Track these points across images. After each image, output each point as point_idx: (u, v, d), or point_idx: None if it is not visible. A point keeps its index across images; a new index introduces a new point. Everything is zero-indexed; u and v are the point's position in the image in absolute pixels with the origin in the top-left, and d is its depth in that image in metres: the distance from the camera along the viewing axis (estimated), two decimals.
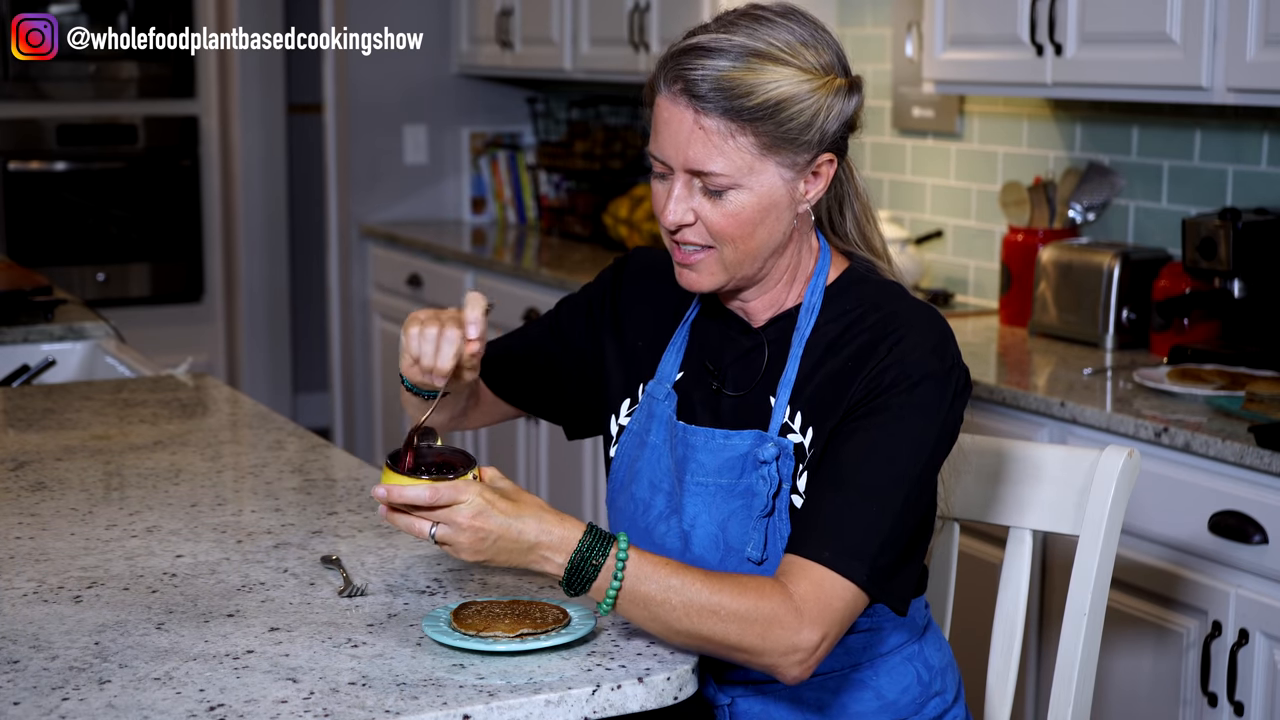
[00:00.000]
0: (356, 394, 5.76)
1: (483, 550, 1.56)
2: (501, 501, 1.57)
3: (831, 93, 1.67)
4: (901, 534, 1.63)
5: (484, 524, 1.55)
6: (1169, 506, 2.60)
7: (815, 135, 1.67)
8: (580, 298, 1.94)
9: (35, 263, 5.98)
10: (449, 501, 1.56)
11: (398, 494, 1.57)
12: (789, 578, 1.59)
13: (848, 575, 1.59)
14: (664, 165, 1.70)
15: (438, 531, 1.57)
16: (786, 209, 1.70)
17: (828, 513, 1.62)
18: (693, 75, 1.64)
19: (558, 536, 1.57)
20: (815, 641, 1.57)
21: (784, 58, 1.65)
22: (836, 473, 1.64)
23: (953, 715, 1.83)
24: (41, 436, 2.52)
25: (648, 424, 1.81)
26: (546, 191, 5.51)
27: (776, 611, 1.56)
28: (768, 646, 1.56)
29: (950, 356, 1.69)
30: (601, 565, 1.56)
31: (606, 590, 1.56)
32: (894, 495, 1.62)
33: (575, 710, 1.50)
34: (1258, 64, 2.77)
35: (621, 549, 1.56)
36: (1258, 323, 3.02)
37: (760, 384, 1.75)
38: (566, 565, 1.56)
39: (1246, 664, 2.49)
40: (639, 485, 1.80)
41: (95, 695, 1.47)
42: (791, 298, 1.77)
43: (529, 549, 1.57)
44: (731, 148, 1.65)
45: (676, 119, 1.66)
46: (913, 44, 4.00)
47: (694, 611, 1.55)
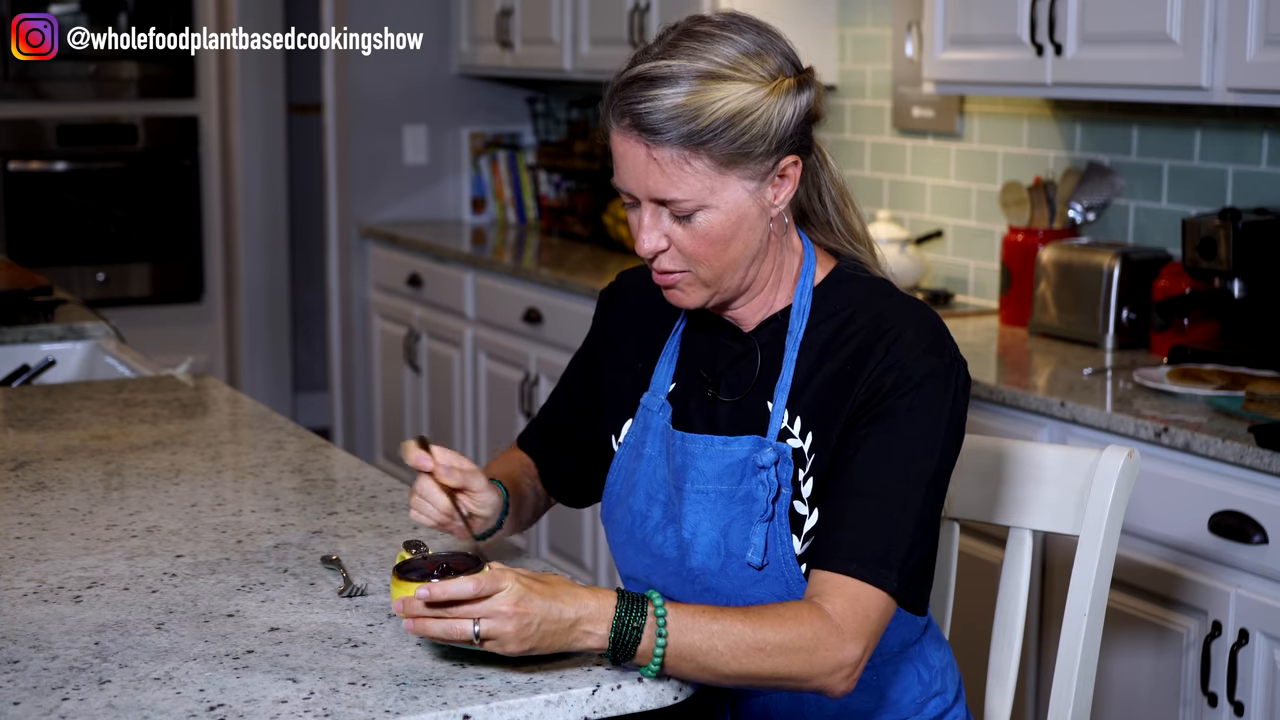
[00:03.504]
0: (356, 394, 5.76)
1: (529, 637, 1.49)
2: (536, 584, 1.51)
3: (781, 96, 1.66)
4: (924, 536, 1.63)
5: (527, 608, 1.48)
6: (1169, 506, 2.60)
7: (772, 142, 1.66)
8: (584, 349, 1.94)
9: (35, 263, 5.98)
10: (490, 590, 1.48)
11: (439, 591, 1.48)
12: (822, 596, 1.59)
13: (879, 584, 1.59)
14: (630, 196, 1.70)
15: (483, 627, 1.48)
16: (758, 219, 1.69)
17: (849, 523, 1.62)
18: (638, 109, 1.63)
19: (594, 609, 1.51)
20: (859, 655, 1.57)
21: (728, 74, 1.64)
22: (852, 482, 1.64)
23: (953, 715, 1.83)
24: (41, 436, 2.52)
25: (643, 436, 1.81)
26: (546, 191, 5.51)
27: (819, 634, 1.55)
28: (815, 671, 1.55)
29: (948, 352, 1.68)
30: (643, 626, 1.51)
31: (653, 651, 1.51)
32: (912, 498, 1.62)
33: (575, 710, 1.50)
34: (1258, 64, 2.77)
35: (658, 606, 1.52)
36: (1258, 323, 3.02)
37: (756, 389, 1.75)
38: (610, 635, 1.50)
39: (1246, 664, 2.49)
40: (635, 497, 1.80)
41: (95, 695, 1.47)
42: (780, 299, 1.76)
43: (570, 627, 1.50)
44: (689, 173, 1.64)
45: (631, 153, 1.66)
46: (913, 44, 4.00)
47: (740, 653, 1.53)
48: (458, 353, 5.03)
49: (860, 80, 4.22)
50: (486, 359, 4.87)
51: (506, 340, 4.73)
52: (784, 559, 1.69)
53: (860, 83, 4.22)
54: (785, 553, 1.69)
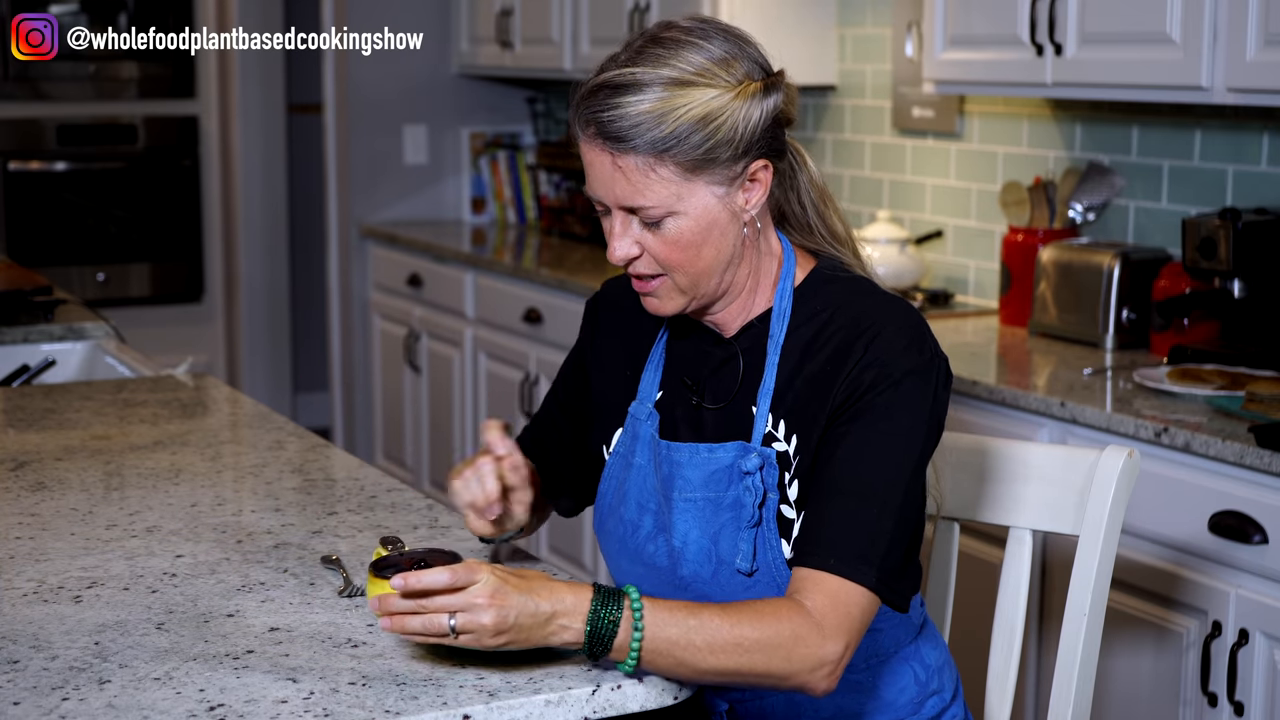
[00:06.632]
0: (356, 394, 5.76)
1: (505, 629, 1.48)
2: (512, 578, 1.50)
3: (746, 100, 1.64)
4: (903, 532, 1.63)
5: (504, 600, 1.47)
6: (1169, 506, 2.60)
7: (738, 146, 1.65)
8: (573, 357, 1.94)
9: (35, 263, 5.98)
10: (466, 582, 1.47)
11: (414, 581, 1.47)
12: (802, 593, 1.58)
13: (859, 580, 1.58)
14: (601, 204, 1.69)
15: (458, 620, 1.47)
16: (729, 223, 1.68)
17: (828, 521, 1.62)
18: (602, 117, 1.63)
19: (570, 603, 1.50)
20: (839, 652, 1.56)
21: (693, 80, 1.63)
22: (831, 480, 1.64)
23: (951, 714, 1.83)
24: (41, 436, 2.52)
25: (632, 445, 1.81)
26: (546, 191, 5.51)
27: (797, 631, 1.54)
28: (794, 668, 1.55)
29: (928, 349, 1.68)
30: (619, 619, 1.50)
31: (629, 645, 1.50)
32: (891, 494, 1.62)
33: (575, 710, 1.50)
34: (1258, 64, 2.77)
35: (634, 599, 1.51)
36: (1258, 323, 3.02)
37: (740, 394, 1.74)
38: (586, 629, 1.50)
39: (1246, 664, 2.49)
40: (627, 507, 1.79)
41: (95, 695, 1.47)
42: (760, 303, 1.75)
43: (546, 620, 1.49)
44: (655, 180, 1.63)
45: (597, 161, 1.66)
46: (913, 44, 4.00)
47: (718, 649, 1.52)
48: (458, 353, 5.03)
49: (860, 80, 4.22)
50: (486, 359, 4.87)
51: (506, 340, 4.74)
52: (774, 564, 1.69)
53: (860, 83, 4.23)
54: (775, 558, 1.69)
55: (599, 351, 1.89)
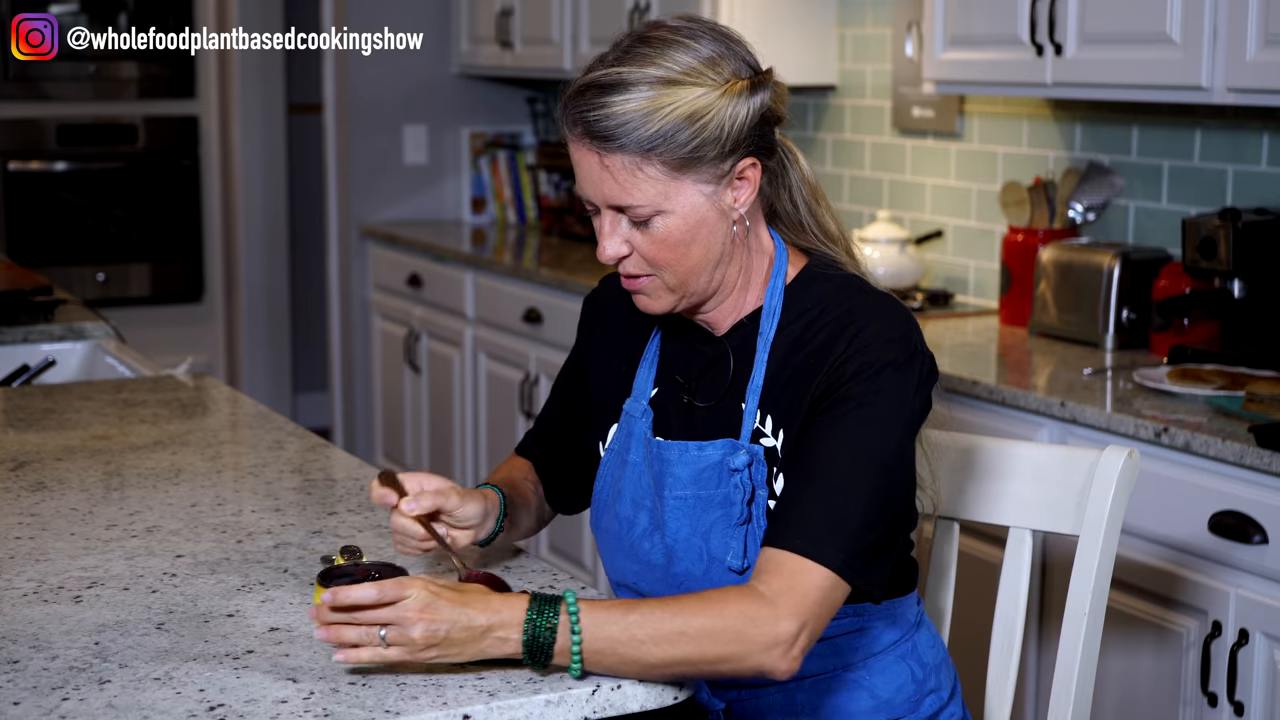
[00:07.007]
0: (356, 394, 5.76)
1: (435, 642, 1.48)
2: (446, 592, 1.51)
3: (733, 98, 1.64)
4: (874, 520, 1.61)
5: (435, 615, 1.48)
6: (1169, 506, 2.60)
7: (725, 144, 1.65)
8: (572, 356, 1.95)
9: (35, 263, 5.98)
10: (394, 598, 1.49)
11: (342, 596, 1.49)
12: (760, 575, 1.57)
13: (820, 561, 1.56)
14: (590, 203, 1.70)
15: (388, 633, 1.48)
16: (718, 222, 1.68)
17: (799, 504, 1.61)
18: (589, 117, 1.63)
19: (506, 615, 1.50)
20: (794, 631, 1.53)
21: (680, 79, 1.63)
22: (805, 467, 1.63)
23: (949, 713, 1.83)
24: (41, 436, 2.52)
25: (627, 442, 1.81)
26: (546, 191, 5.51)
27: (745, 610, 1.53)
28: (747, 649, 1.53)
29: (913, 345, 1.67)
30: (556, 625, 1.50)
31: (570, 649, 1.50)
32: (863, 481, 1.60)
33: (575, 710, 1.50)
34: (1258, 64, 2.77)
35: (570, 604, 1.51)
36: (1258, 323, 3.02)
37: (730, 392, 1.74)
38: (524, 638, 1.49)
39: (1246, 664, 2.49)
40: (622, 504, 1.79)
41: (95, 695, 1.47)
42: (750, 301, 1.76)
43: (482, 634, 1.49)
44: (642, 179, 1.64)
45: (585, 161, 1.66)
46: (913, 44, 4.00)
47: (663, 640, 1.50)
48: (458, 353, 5.03)
49: (860, 80, 4.22)
50: (486, 359, 4.87)
51: (506, 340, 4.74)
52: None
53: (860, 83, 4.23)
54: None
55: (595, 347, 1.90)
